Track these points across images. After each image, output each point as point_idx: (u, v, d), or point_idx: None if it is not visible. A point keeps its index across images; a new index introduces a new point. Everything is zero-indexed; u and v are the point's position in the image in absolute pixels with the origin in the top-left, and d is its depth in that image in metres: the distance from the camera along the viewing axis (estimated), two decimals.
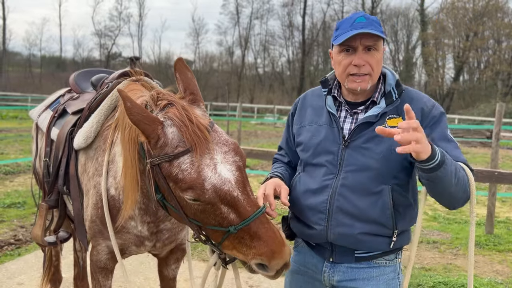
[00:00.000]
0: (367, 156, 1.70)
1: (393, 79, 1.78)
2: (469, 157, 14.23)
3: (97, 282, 2.31)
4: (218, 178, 1.50)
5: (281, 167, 2.01)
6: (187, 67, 1.76)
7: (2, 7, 45.22)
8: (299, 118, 1.94)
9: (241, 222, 1.51)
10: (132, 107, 1.55)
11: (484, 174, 4.15)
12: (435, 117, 1.72)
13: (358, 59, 1.69)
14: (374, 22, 1.70)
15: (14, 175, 8.54)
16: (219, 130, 1.65)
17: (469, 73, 38.92)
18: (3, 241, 4.92)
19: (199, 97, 1.75)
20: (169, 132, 1.57)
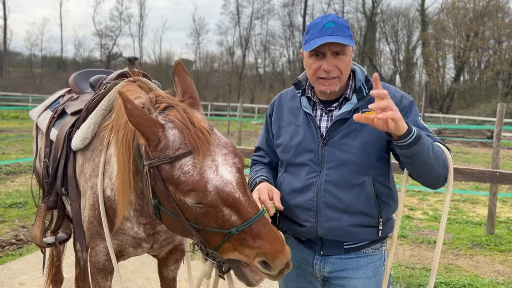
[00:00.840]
0: (345, 151, 1.78)
1: (362, 75, 1.86)
2: (469, 157, 14.22)
3: (96, 283, 2.31)
4: (220, 180, 1.50)
5: (263, 169, 2.05)
6: (186, 71, 1.77)
7: (3, 7, 45.28)
8: (277, 119, 2.01)
9: (243, 223, 1.51)
10: (133, 109, 1.54)
11: (485, 175, 4.14)
12: (406, 106, 1.80)
13: (327, 65, 1.76)
14: (343, 27, 1.76)
15: (15, 175, 8.55)
16: (218, 133, 1.67)
17: (469, 73, 38.89)
18: (4, 241, 4.92)
19: (197, 101, 1.75)
20: (170, 134, 1.56)
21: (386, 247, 1.93)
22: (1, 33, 45.69)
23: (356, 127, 1.78)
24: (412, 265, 4.76)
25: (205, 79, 43.31)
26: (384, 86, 1.80)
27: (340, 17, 1.82)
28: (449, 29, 37.87)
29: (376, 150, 1.79)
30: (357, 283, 1.84)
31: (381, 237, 1.85)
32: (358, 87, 1.84)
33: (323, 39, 1.72)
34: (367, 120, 1.53)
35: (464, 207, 7.71)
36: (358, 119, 1.55)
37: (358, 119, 1.55)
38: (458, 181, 9.64)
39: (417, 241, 5.64)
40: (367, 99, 1.79)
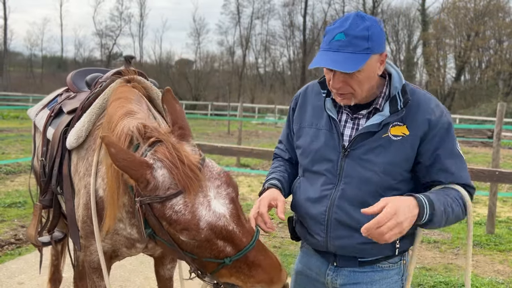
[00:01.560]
0: (367, 168, 1.62)
1: (399, 82, 1.64)
2: (470, 157, 14.21)
3: (92, 282, 2.30)
4: (213, 215, 1.49)
5: (281, 167, 1.94)
6: (175, 99, 1.71)
7: (3, 7, 45.29)
8: (299, 116, 1.84)
9: (236, 253, 1.51)
10: (117, 153, 1.48)
11: (485, 174, 4.13)
12: (444, 128, 1.61)
13: (333, 83, 1.58)
14: (356, 40, 1.50)
15: (15, 174, 8.55)
16: (210, 164, 1.62)
17: (470, 73, 38.86)
18: (3, 241, 4.92)
19: (188, 131, 1.69)
20: (159, 175, 1.52)
21: (405, 261, 1.77)
22: (2, 33, 45.73)
23: (383, 143, 1.61)
24: None
25: (205, 79, 43.29)
26: (424, 99, 1.64)
27: (365, 19, 1.54)
28: (450, 28, 37.84)
29: (400, 171, 1.63)
30: None
31: (399, 252, 1.71)
32: (392, 95, 1.62)
33: (323, 60, 1.53)
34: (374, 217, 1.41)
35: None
36: (364, 212, 1.44)
37: (364, 212, 1.44)
38: None
39: None
40: (401, 115, 1.60)
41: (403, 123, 1.61)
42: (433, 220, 1.47)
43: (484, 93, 34.06)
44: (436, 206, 1.47)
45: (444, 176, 1.61)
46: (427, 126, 1.59)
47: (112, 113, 1.95)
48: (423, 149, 1.61)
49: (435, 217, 1.47)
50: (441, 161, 1.59)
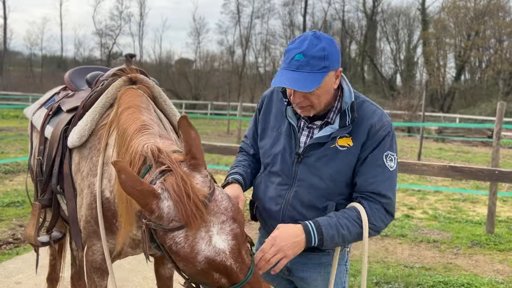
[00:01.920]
0: (316, 175, 1.81)
1: (349, 98, 1.80)
2: (470, 157, 14.20)
3: (92, 282, 2.29)
4: (212, 250, 1.47)
5: (245, 161, 2.10)
6: (191, 126, 1.64)
7: (3, 6, 45.22)
8: (264, 118, 2.02)
9: (231, 286, 1.51)
10: (127, 180, 1.48)
11: (484, 173, 4.11)
12: (379, 138, 1.78)
13: (294, 98, 1.75)
14: (314, 60, 1.64)
15: (14, 174, 8.54)
16: (219, 198, 1.57)
17: (470, 72, 38.83)
18: (1, 240, 4.91)
19: (201, 161, 1.64)
20: (165, 206, 1.51)
21: (349, 249, 1.99)
22: (1, 33, 45.71)
23: (331, 153, 1.79)
24: (411, 264, 4.74)
25: (205, 78, 43.23)
26: (370, 113, 1.80)
27: (322, 39, 1.68)
28: (450, 28, 37.81)
29: (345, 178, 1.82)
30: (317, 276, 1.93)
31: None
32: (343, 110, 1.79)
33: (281, 79, 1.68)
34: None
35: (464, 206, 7.69)
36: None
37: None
38: (458, 180, 9.63)
39: (416, 240, 5.62)
40: (348, 130, 1.79)
41: (350, 135, 1.80)
42: (323, 243, 1.69)
43: (484, 92, 34.05)
44: (325, 231, 1.67)
45: (361, 180, 1.78)
46: (366, 137, 1.78)
47: (125, 127, 1.92)
48: (359, 157, 1.79)
49: (325, 241, 1.68)
50: (364, 167, 1.77)
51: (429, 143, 18.62)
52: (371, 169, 1.77)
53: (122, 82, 2.31)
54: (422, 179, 9.81)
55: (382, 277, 4.28)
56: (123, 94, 2.18)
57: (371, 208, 1.75)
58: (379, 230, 1.79)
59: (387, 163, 1.78)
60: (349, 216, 1.73)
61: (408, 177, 9.85)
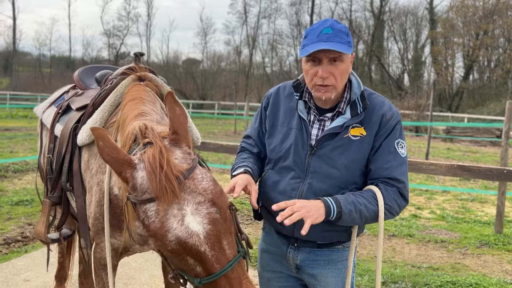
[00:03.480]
0: (330, 165, 1.84)
1: (358, 89, 1.88)
2: (478, 157, 14.08)
3: (100, 279, 2.30)
4: (185, 230, 1.41)
5: (250, 158, 2.07)
6: (177, 102, 1.63)
7: (12, 7, 45.68)
8: (272, 115, 2.03)
9: (206, 277, 1.44)
10: (104, 147, 1.49)
11: (493, 172, 4.08)
12: (391, 127, 1.86)
13: (322, 72, 1.77)
14: (341, 33, 1.76)
15: (23, 173, 8.62)
16: (199, 177, 1.51)
17: (479, 72, 38.46)
18: (10, 238, 4.96)
19: (182, 136, 1.61)
20: (139, 176, 1.50)
21: (355, 244, 2.00)
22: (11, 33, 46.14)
23: (344, 143, 1.84)
24: (419, 264, 4.72)
25: (212, 78, 43.29)
26: (380, 103, 1.89)
27: (340, 22, 1.82)
28: (458, 27, 37.49)
29: (359, 167, 1.86)
30: (327, 273, 1.94)
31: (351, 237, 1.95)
32: (352, 100, 1.87)
33: (318, 45, 1.73)
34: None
35: (472, 206, 7.63)
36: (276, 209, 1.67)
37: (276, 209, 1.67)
38: (466, 180, 9.56)
39: (424, 240, 5.59)
40: (360, 119, 1.85)
41: (361, 125, 1.85)
42: (342, 216, 1.72)
43: (493, 92, 33.72)
44: (343, 204, 1.72)
45: (375, 166, 1.84)
46: (378, 126, 1.85)
47: (126, 114, 1.97)
48: (372, 146, 1.86)
49: (343, 214, 1.71)
50: (378, 154, 1.84)
51: (437, 143, 18.49)
52: (384, 156, 1.84)
53: (131, 80, 2.32)
54: (429, 179, 9.74)
55: (389, 276, 4.26)
56: (130, 90, 2.21)
57: (387, 190, 1.82)
58: (394, 213, 1.83)
59: (399, 150, 1.86)
60: (366, 195, 1.80)
61: (416, 177, 9.79)
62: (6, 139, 13.22)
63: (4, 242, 4.85)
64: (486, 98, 33.48)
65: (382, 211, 1.78)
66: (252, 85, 44.46)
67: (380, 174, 1.84)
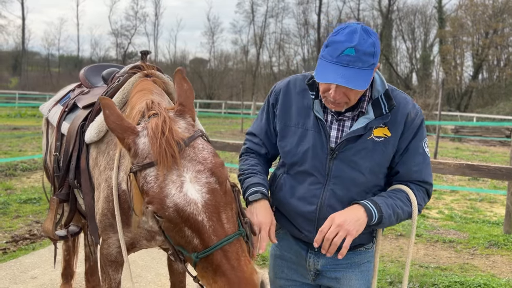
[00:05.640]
0: (355, 169, 1.73)
1: (382, 86, 1.74)
2: (487, 156, 13.95)
3: (107, 276, 2.31)
4: (183, 197, 1.40)
5: (258, 166, 1.92)
6: (185, 79, 1.67)
7: (21, 7, 46.07)
8: (284, 114, 1.87)
9: (203, 250, 1.40)
10: (110, 115, 1.53)
11: (502, 172, 4.02)
12: (416, 126, 1.76)
13: (334, 95, 1.61)
14: (365, 56, 1.55)
15: (31, 171, 8.68)
16: (200, 147, 1.52)
17: (488, 71, 38.10)
18: (18, 236, 5.00)
19: (187, 108, 1.64)
20: (141, 142, 1.52)
21: (376, 244, 1.93)
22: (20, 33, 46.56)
23: (368, 146, 1.72)
24: (426, 264, 4.68)
25: (219, 77, 43.39)
26: (403, 100, 1.76)
27: (370, 33, 1.58)
28: (467, 26, 37.16)
29: (383, 170, 1.78)
30: (351, 276, 1.86)
31: (373, 238, 1.90)
32: (375, 98, 1.72)
33: (334, 75, 1.54)
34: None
35: (481, 206, 7.56)
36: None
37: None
38: (474, 180, 9.47)
39: (432, 240, 5.54)
40: (386, 120, 1.71)
41: (385, 125, 1.73)
42: (382, 221, 1.65)
43: (503, 91, 33.38)
44: (383, 209, 1.65)
45: (404, 169, 1.77)
46: (403, 126, 1.74)
47: (134, 102, 1.98)
48: (398, 147, 1.75)
49: (384, 219, 1.65)
50: (406, 156, 1.75)
51: (445, 143, 18.34)
52: (413, 158, 1.75)
53: (138, 78, 2.33)
54: (438, 179, 9.67)
55: (396, 276, 4.23)
56: (138, 84, 2.22)
57: (418, 190, 1.77)
58: (421, 211, 1.79)
59: (426, 150, 1.79)
60: (401, 197, 1.73)
61: None
62: (15, 138, 13.34)
63: (12, 239, 4.89)
64: (495, 97, 33.16)
65: (416, 212, 1.72)
66: (259, 84, 44.45)
67: (410, 177, 1.77)
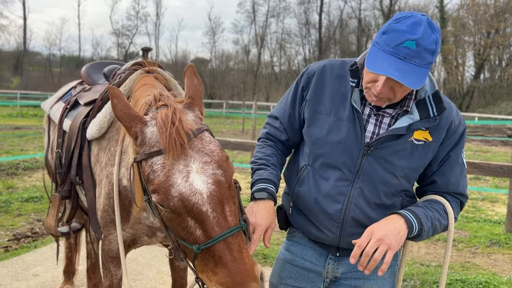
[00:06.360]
0: (388, 170, 1.60)
1: (430, 86, 1.61)
2: (489, 156, 13.93)
3: (108, 272, 2.31)
4: (189, 187, 1.40)
5: (274, 155, 1.81)
6: (196, 74, 1.69)
7: (22, 7, 46.16)
8: (314, 99, 1.71)
9: (205, 242, 1.39)
10: (118, 104, 1.54)
11: (504, 169, 4.03)
12: (459, 135, 1.66)
13: (382, 88, 1.47)
14: (425, 53, 1.43)
15: (33, 170, 8.70)
16: (208, 139, 1.53)
17: (490, 71, 38.09)
18: (20, 234, 5.01)
19: (196, 102, 1.66)
20: (149, 131, 1.52)
21: (401, 247, 1.79)
22: (21, 33, 46.65)
23: (408, 147, 1.59)
24: (427, 263, 4.68)
25: (220, 77, 43.44)
26: (448, 105, 1.64)
27: (435, 29, 1.47)
28: (469, 26, 37.18)
29: (416, 175, 1.68)
30: (372, 284, 1.74)
31: None
32: (421, 98, 1.60)
33: (388, 68, 1.42)
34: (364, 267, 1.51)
35: (483, 205, 7.55)
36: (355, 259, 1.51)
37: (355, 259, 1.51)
38: (476, 179, 9.46)
39: (433, 239, 5.54)
40: (434, 124, 1.59)
41: (426, 129, 1.61)
42: (421, 234, 1.56)
43: (505, 91, 33.37)
44: (424, 222, 1.55)
45: (442, 180, 1.67)
46: (445, 133, 1.62)
47: (138, 96, 1.99)
48: (437, 155, 1.64)
49: (423, 231, 1.55)
50: (446, 166, 1.66)
51: None
52: (452, 169, 1.66)
53: (139, 74, 2.33)
54: None
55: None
56: (140, 80, 2.22)
57: (454, 202, 1.69)
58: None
59: (464, 160, 1.70)
60: (438, 209, 1.63)
61: None
62: (16, 137, 13.37)
63: (14, 237, 4.91)
64: (497, 97, 33.16)
65: (452, 226, 1.63)
66: (260, 84, 44.50)
67: (447, 188, 1.68)
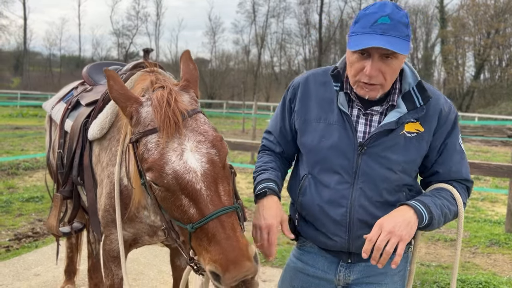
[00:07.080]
0: (385, 166, 1.61)
1: (413, 78, 1.64)
2: (489, 156, 13.94)
3: (109, 271, 2.32)
4: (183, 165, 1.41)
5: (272, 162, 1.84)
6: (191, 60, 1.73)
7: (23, 7, 46.17)
8: (303, 109, 1.75)
9: (199, 220, 1.38)
10: (114, 85, 1.58)
11: (503, 169, 4.04)
12: (451, 122, 1.66)
13: (371, 69, 1.51)
14: (400, 25, 1.48)
15: (33, 170, 8.71)
16: (202, 120, 1.54)
17: (490, 71, 38.10)
18: (21, 234, 5.03)
19: (192, 84, 1.70)
20: (144, 111, 1.56)
21: (411, 248, 1.80)
22: (22, 33, 46.65)
23: (400, 141, 1.61)
24: (428, 263, 4.69)
25: (220, 77, 43.44)
26: (435, 94, 1.66)
27: (400, 8, 1.53)
28: (469, 26, 37.18)
29: (415, 167, 1.67)
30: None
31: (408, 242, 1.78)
32: (405, 91, 1.62)
33: (371, 40, 1.46)
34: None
35: (483, 205, 7.56)
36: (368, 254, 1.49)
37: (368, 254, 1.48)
38: (476, 179, 9.47)
39: (433, 239, 5.55)
40: (421, 114, 1.60)
41: (416, 120, 1.62)
42: (432, 222, 1.55)
43: (505, 91, 33.38)
44: (433, 210, 1.54)
45: (444, 169, 1.68)
46: (437, 122, 1.63)
47: (136, 88, 2.01)
48: (432, 145, 1.65)
49: (433, 220, 1.54)
50: (444, 155, 1.66)
51: None
52: (452, 157, 1.66)
53: (140, 74, 2.34)
54: None
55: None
56: (140, 78, 2.24)
57: (461, 188, 1.69)
58: (464, 209, 1.71)
59: (462, 146, 1.70)
60: (446, 196, 1.63)
61: None
62: (17, 137, 13.38)
63: (15, 237, 4.92)
64: (497, 97, 33.17)
65: (462, 211, 1.63)
66: (260, 84, 44.51)
67: (450, 176, 1.68)
